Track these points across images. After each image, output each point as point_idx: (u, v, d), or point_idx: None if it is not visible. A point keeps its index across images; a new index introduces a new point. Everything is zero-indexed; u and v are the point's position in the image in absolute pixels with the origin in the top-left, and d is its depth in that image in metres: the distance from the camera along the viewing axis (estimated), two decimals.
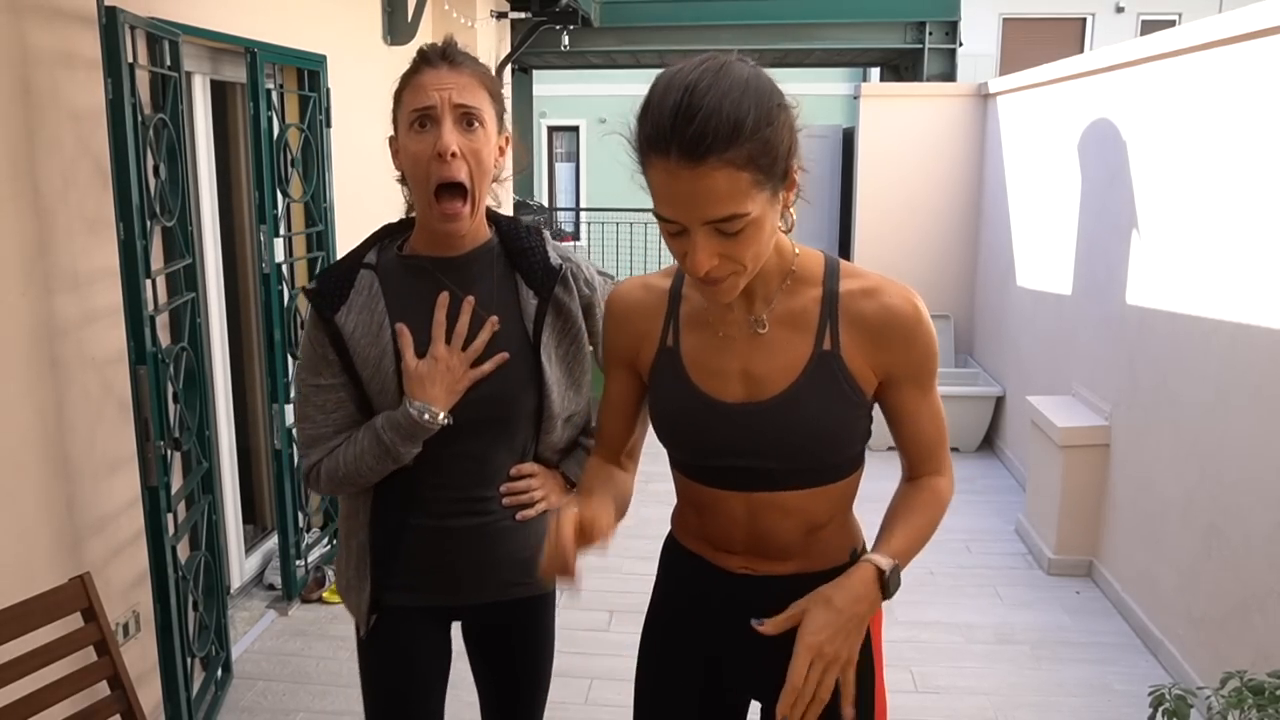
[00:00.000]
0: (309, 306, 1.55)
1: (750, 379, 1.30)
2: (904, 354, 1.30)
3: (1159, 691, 1.86)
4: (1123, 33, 13.74)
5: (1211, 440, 3.03)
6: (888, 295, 1.29)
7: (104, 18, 2.29)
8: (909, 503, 1.38)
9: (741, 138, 1.10)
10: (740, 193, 1.12)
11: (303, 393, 1.56)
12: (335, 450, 1.55)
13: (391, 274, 1.56)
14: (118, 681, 2.01)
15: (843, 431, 1.31)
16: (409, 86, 1.48)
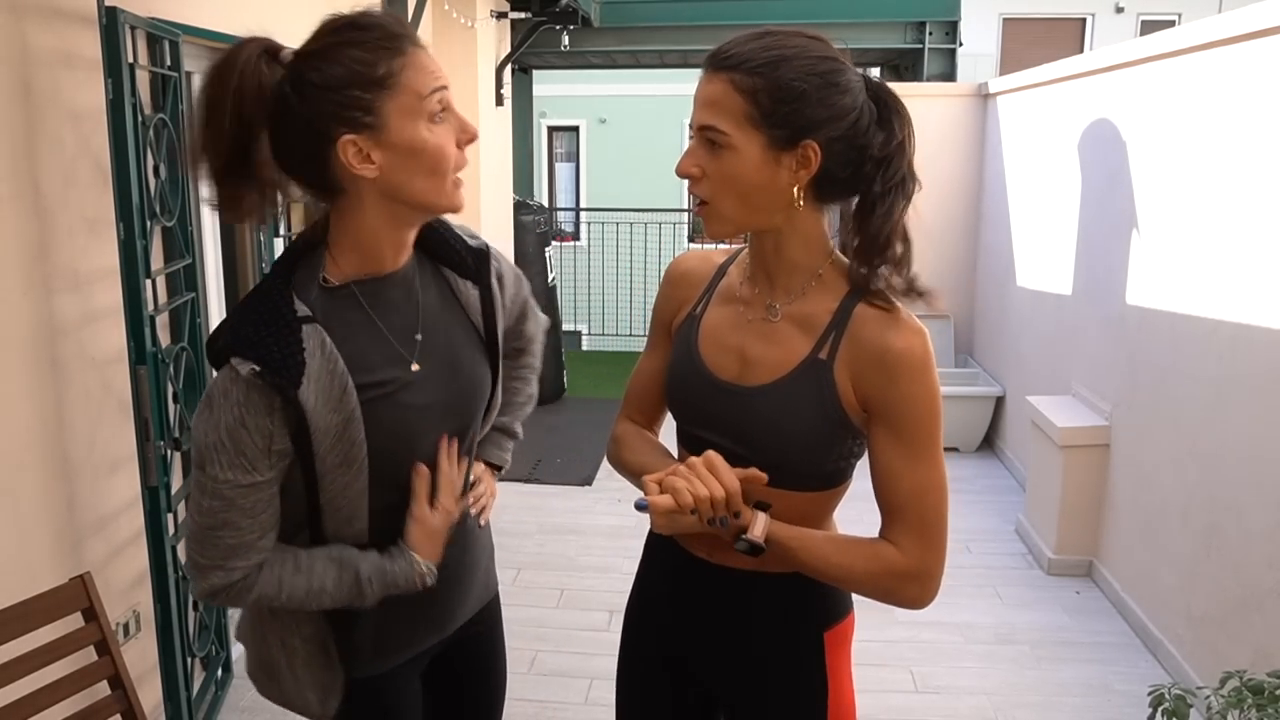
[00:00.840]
0: (240, 388, 1.19)
1: (746, 362, 1.31)
2: (885, 392, 1.24)
3: (1159, 691, 1.87)
4: (1123, 33, 13.74)
5: (1211, 440, 3.03)
6: (896, 329, 1.23)
7: (104, 18, 2.29)
8: (856, 539, 1.29)
9: (756, 69, 1.16)
10: (729, 112, 1.17)
11: (225, 497, 1.21)
12: (273, 573, 1.27)
13: (330, 318, 1.25)
14: (118, 681, 2.01)
15: (812, 441, 1.27)
16: (413, 69, 1.19)
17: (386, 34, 1.19)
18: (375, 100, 1.18)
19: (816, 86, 1.17)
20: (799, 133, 1.18)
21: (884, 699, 3.09)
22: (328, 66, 1.19)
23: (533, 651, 3.36)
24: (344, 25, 1.21)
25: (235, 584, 1.26)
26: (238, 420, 1.20)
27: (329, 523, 1.31)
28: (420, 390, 1.32)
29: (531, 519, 4.54)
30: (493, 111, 5.75)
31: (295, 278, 1.28)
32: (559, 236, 9.84)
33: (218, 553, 1.24)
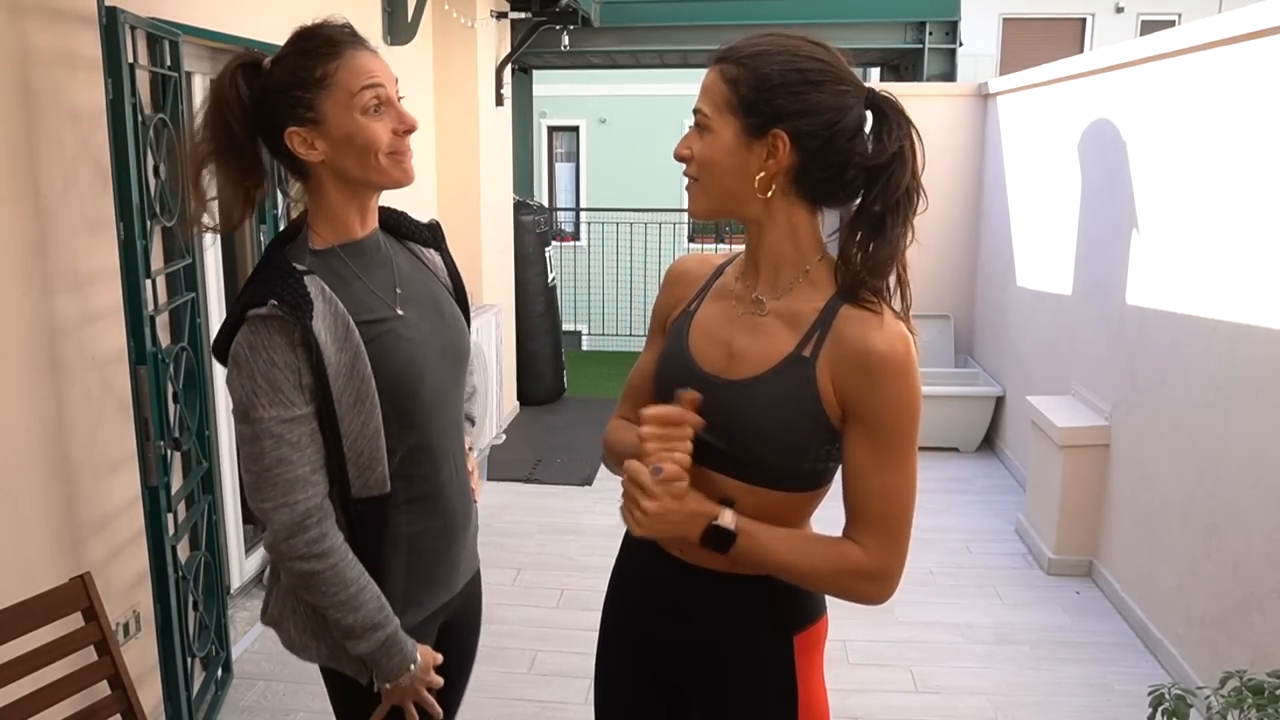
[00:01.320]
0: (264, 332, 1.36)
1: (732, 355, 1.32)
2: (864, 393, 1.23)
3: (1158, 691, 1.87)
4: (1123, 33, 13.74)
5: (1211, 440, 3.03)
6: (880, 331, 1.22)
7: (104, 18, 2.29)
8: (820, 536, 1.31)
9: (740, 59, 1.25)
10: (713, 97, 1.26)
11: (274, 434, 1.37)
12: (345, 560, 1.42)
13: (323, 273, 1.44)
14: (118, 681, 2.01)
15: (790, 439, 1.27)
16: (345, 69, 1.38)
17: (326, 40, 1.40)
18: (314, 98, 1.39)
19: (793, 80, 1.22)
20: (769, 121, 1.23)
21: (884, 699, 3.09)
22: (277, 72, 1.41)
23: (533, 651, 3.36)
24: (295, 36, 1.43)
25: (305, 520, 1.39)
26: (269, 363, 1.37)
27: (352, 470, 1.43)
28: (413, 328, 1.50)
29: (531, 519, 4.54)
30: (493, 111, 5.75)
31: (287, 251, 1.47)
32: (559, 236, 9.84)
33: (277, 490, 1.38)
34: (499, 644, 3.41)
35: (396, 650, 1.47)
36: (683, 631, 1.41)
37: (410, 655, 1.49)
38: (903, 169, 1.24)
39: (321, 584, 1.42)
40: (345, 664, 1.52)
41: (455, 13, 5.17)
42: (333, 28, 1.42)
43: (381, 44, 4.56)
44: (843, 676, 3.22)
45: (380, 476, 1.45)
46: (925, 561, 4.12)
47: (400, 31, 4.60)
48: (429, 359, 1.50)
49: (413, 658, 1.49)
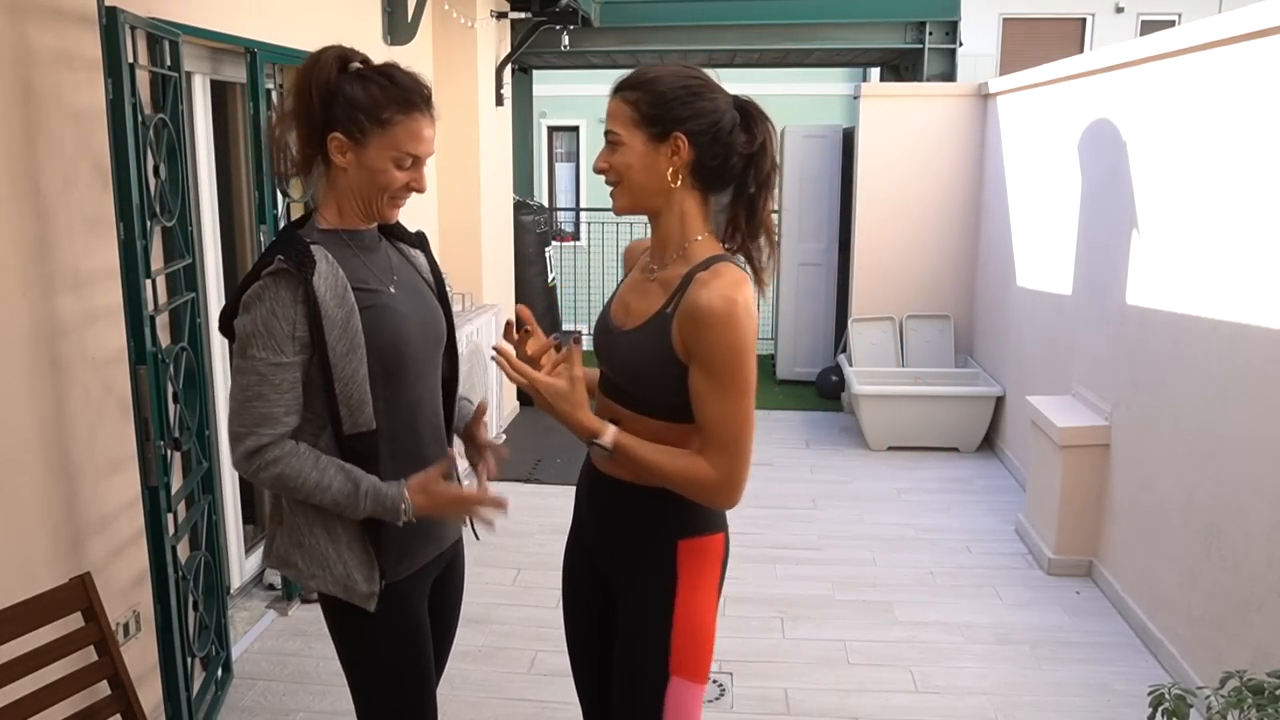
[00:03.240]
0: (272, 285, 1.59)
1: (628, 311, 1.70)
2: (696, 340, 1.56)
3: (1159, 691, 1.87)
4: (1123, 33, 13.74)
5: (1211, 440, 3.03)
6: (709, 290, 1.55)
7: (104, 18, 2.29)
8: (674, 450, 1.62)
9: (642, 86, 1.59)
10: (621, 120, 1.60)
11: (259, 372, 1.59)
12: (295, 460, 1.62)
13: (327, 245, 1.67)
14: (118, 681, 2.01)
15: (654, 376, 1.62)
16: (404, 128, 1.62)
17: (405, 94, 1.63)
18: (369, 129, 1.63)
19: (681, 94, 1.57)
20: (669, 126, 1.58)
21: (884, 699, 3.09)
22: (358, 89, 1.62)
23: (533, 651, 3.36)
24: (387, 70, 1.65)
25: (263, 448, 1.60)
26: (270, 311, 1.59)
27: (343, 410, 1.64)
28: (401, 303, 1.73)
29: (531, 519, 4.53)
30: (493, 111, 5.74)
31: (298, 231, 1.69)
32: (559, 236, 9.83)
33: (250, 419, 1.60)
34: (499, 644, 3.41)
35: (384, 499, 1.65)
36: (604, 532, 1.78)
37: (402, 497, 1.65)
38: (765, 155, 1.62)
39: (287, 481, 1.62)
40: (352, 592, 1.69)
41: (455, 13, 5.17)
42: (417, 87, 1.65)
43: (381, 44, 4.56)
44: (843, 676, 3.22)
45: (368, 416, 1.66)
46: (925, 561, 4.12)
47: (400, 31, 4.60)
48: (411, 331, 1.73)
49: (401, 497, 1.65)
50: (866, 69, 12.00)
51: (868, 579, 3.95)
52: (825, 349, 7.06)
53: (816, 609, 3.68)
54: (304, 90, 1.63)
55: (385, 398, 1.69)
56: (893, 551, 4.22)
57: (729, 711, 3.03)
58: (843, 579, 3.93)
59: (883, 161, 6.19)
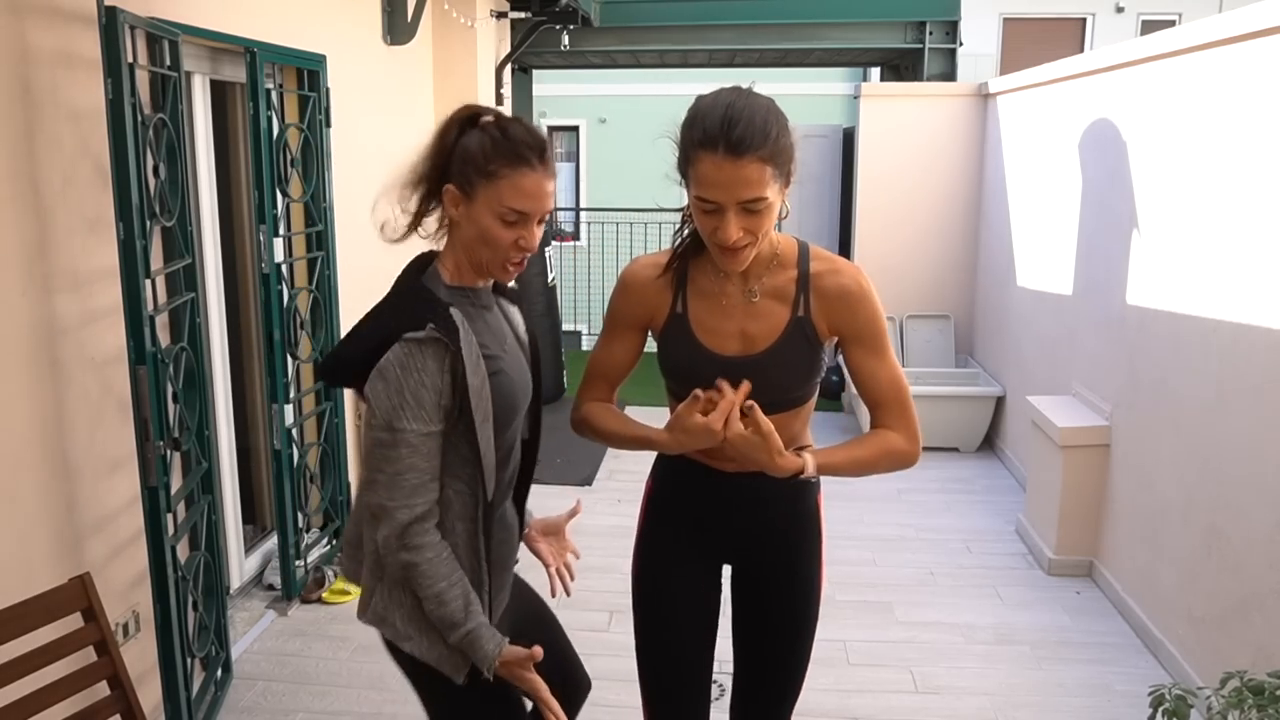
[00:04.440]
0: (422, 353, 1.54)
1: (746, 337, 1.73)
2: (851, 318, 1.71)
3: (1159, 691, 1.86)
4: (1123, 33, 13.74)
5: (1211, 440, 3.03)
6: (843, 275, 1.72)
7: (104, 18, 2.29)
8: (861, 439, 1.75)
9: (769, 142, 1.54)
10: (764, 182, 1.55)
11: (411, 444, 1.56)
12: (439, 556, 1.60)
13: (459, 305, 1.63)
14: (118, 681, 2.01)
15: (808, 372, 1.74)
16: (509, 182, 1.55)
17: (515, 147, 1.57)
18: (477, 182, 1.58)
19: (786, 128, 1.59)
20: (790, 166, 1.60)
21: (884, 699, 3.09)
22: (474, 141, 1.59)
23: None
24: (504, 122, 1.61)
25: (415, 522, 1.58)
26: (419, 383, 1.55)
27: (489, 479, 1.63)
28: (511, 368, 1.70)
29: None
30: None
31: (424, 281, 1.65)
32: (559, 236, 9.82)
33: (403, 493, 1.57)
34: None
35: (478, 648, 1.61)
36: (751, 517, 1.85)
37: (490, 655, 1.61)
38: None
39: (419, 576, 1.59)
40: (444, 662, 1.66)
41: (455, 12, 5.17)
42: (528, 140, 1.58)
43: (381, 44, 4.56)
44: (843, 676, 3.21)
45: (498, 482, 1.69)
46: (925, 561, 4.11)
47: (400, 31, 4.60)
48: (521, 397, 1.72)
49: (492, 657, 1.61)
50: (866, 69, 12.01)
51: (868, 579, 3.95)
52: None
53: None
54: (432, 151, 1.62)
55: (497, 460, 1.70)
56: (893, 551, 4.22)
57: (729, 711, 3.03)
58: (843, 579, 3.93)
59: (883, 161, 6.19)
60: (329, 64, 3.74)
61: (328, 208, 3.71)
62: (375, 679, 3.13)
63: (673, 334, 1.77)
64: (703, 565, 1.93)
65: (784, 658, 1.96)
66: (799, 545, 1.89)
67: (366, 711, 3.00)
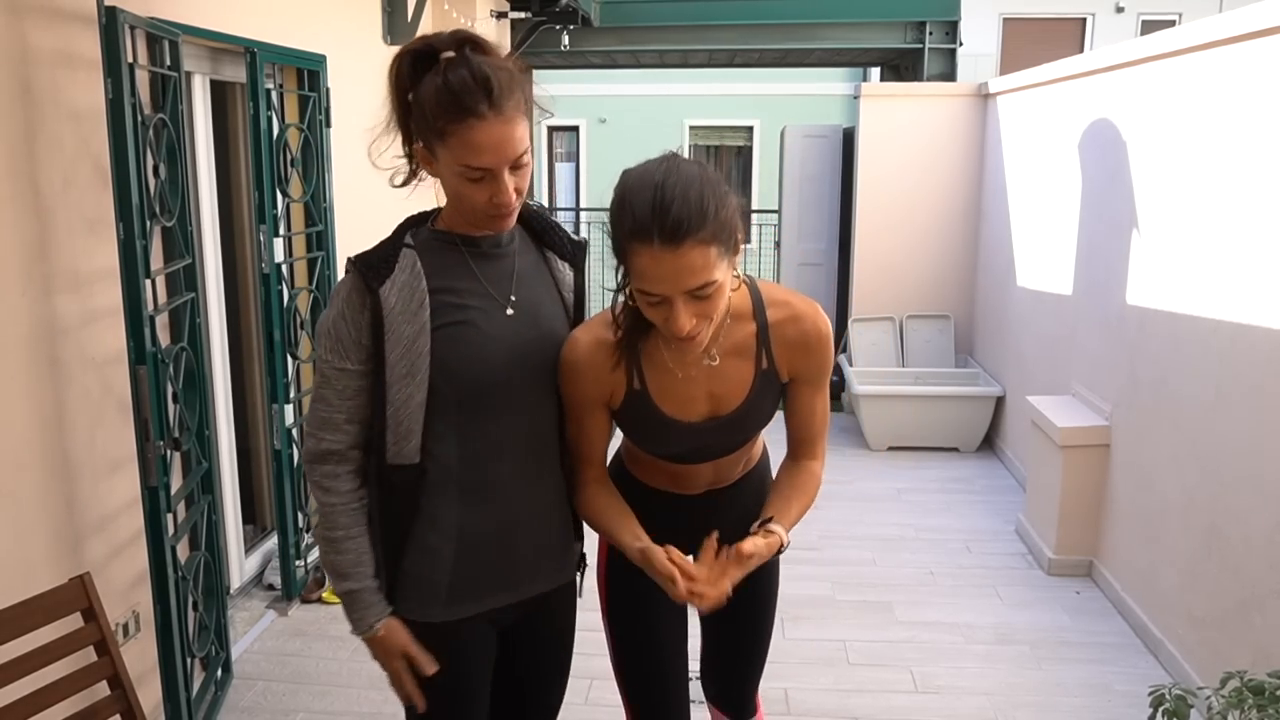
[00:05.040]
0: (347, 285, 1.51)
1: (714, 399, 1.67)
2: (808, 362, 1.68)
3: (1159, 691, 1.86)
4: (1123, 33, 13.74)
5: (1211, 440, 3.03)
6: (804, 322, 1.65)
7: (104, 18, 2.29)
8: (798, 486, 1.74)
9: (708, 220, 1.41)
10: (710, 265, 1.43)
11: (324, 375, 1.54)
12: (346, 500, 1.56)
13: (428, 249, 1.55)
14: (118, 681, 2.01)
15: (772, 410, 1.72)
16: (458, 139, 1.40)
17: (455, 100, 1.39)
18: (433, 143, 1.44)
19: (724, 196, 1.46)
20: (735, 236, 1.49)
21: (884, 699, 3.09)
22: (423, 92, 1.43)
23: None
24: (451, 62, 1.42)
25: (320, 455, 1.54)
26: (340, 314, 1.51)
27: (390, 437, 1.53)
28: (500, 325, 1.55)
29: None
30: None
31: (415, 229, 1.58)
32: None
33: (314, 422, 1.56)
34: None
35: (357, 608, 1.57)
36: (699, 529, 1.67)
37: (367, 621, 1.57)
38: None
39: (322, 515, 1.58)
40: None
41: (455, 13, 5.17)
42: (472, 83, 1.39)
43: (381, 44, 4.56)
44: (843, 676, 3.21)
45: (413, 448, 1.54)
46: (925, 561, 4.11)
47: (400, 31, 4.60)
48: (501, 357, 1.54)
49: (369, 625, 1.57)
50: (866, 69, 12.00)
51: (868, 579, 3.95)
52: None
53: (816, 609, 3.68)
54: (392, 88, 1.49)
55: (457, 426, 1.54)
56: (893, 551, 4.22)
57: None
58: (843, 579, 3.93)
59: (883, 161, 6.19)
60: (329, 64, 3.73)
61: (328, 208, 3.71)
62: (375, 679, 3.12)
63: (634, 410, 1.66)
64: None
65: (754, 620, 2.00)
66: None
67: (366, 711, 3.00)
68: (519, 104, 1.44)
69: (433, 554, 1.58)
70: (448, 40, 1.45)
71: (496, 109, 1.40)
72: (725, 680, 2.08)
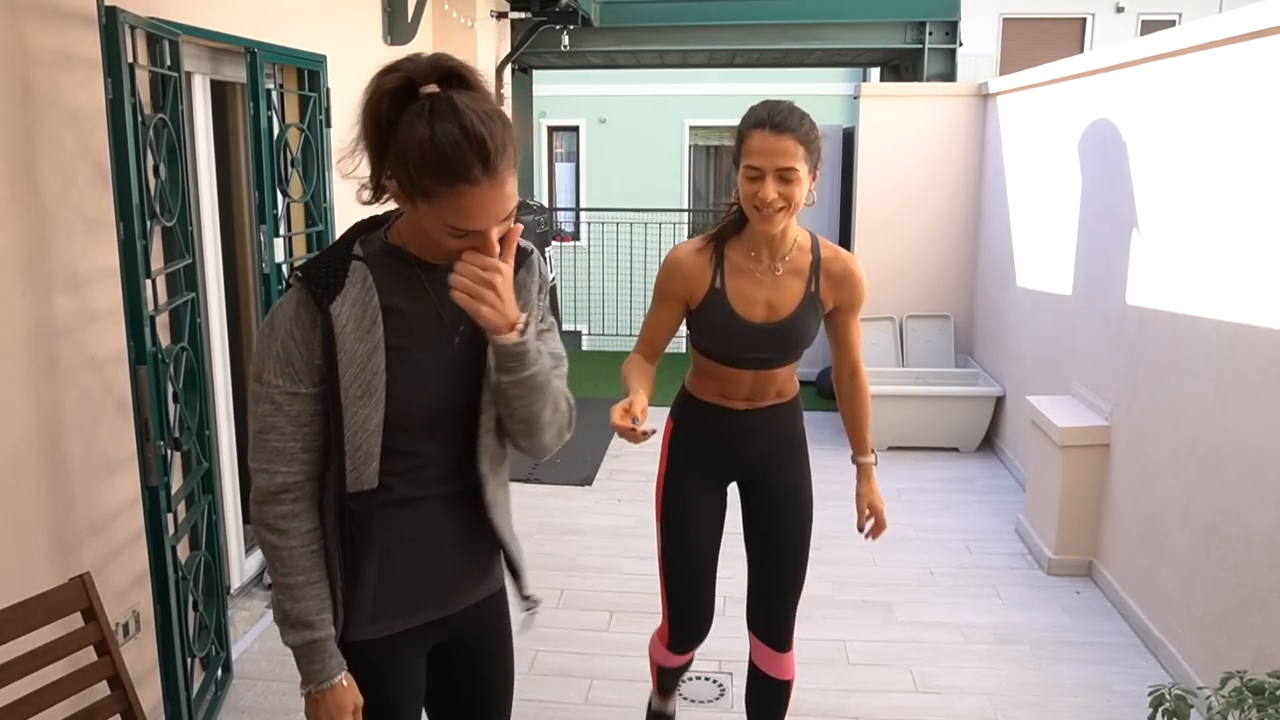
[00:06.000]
0: (293, 302, 1.39)
1: (771, 306, 2.20)
2: (851, 296, 2.26)
3: (1159, 691, 1.86)
4: (1123, 33, 13.74)
5: (1211, 440, 3.03)
6: (847, 262, 2.25)
7: (104, 18, 2.29)
8: (862, 409, 2.44)
9: (803, 128, 2.04)
10: (797, 156, 2.03)
11: (275, 401, 1.40)
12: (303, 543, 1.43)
13: (380, 265, 1.43)
14: (118, 681, 2.01)
15: (811, 336, 2.25)
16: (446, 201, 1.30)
17: (444, 163, 1.27)
18: (413, 193, 1.32)
19: (817, 130, 2.09)
20: (817, 159, 2.10)
21: (884, 699, 3.09)
22: (409, 137, 1.28)
23: (533, 651, 3.36)
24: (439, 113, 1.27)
25: (275, 492, 1.42)
26: (288, 334, 1.39)
27: (350, 463, 1.42)
28: (444, 359, 1.47)
29: (531, 519, 4.54)
30: None
31: (365, 236, 1.47)
32: (559, 236, 9.83)
33: (264, 455, 1.42)
34: None
35: (317, 659, 1.45)
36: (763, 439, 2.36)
37: (328, 672, 1.46)
38: None
39: (276, 560, 1.44)
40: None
41: (455, 13, 5.17)
42: (465, 145, 1.27)
43: (381, 44, 4.56)
44: (843, 676, 3.22)
45: (373, 472, 1.44)
46: (925, 561, 4.12)
47: (400, 31, 4.60)
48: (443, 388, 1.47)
49: (329, 676, 1.46)
50: (866, 69, 12.01)
51: (868, 579, 3.95)
52: (825, 349, 7.02)
53: (816, 609, 3.68)
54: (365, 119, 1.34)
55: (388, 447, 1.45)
56: (893, 551, 4.22)
57: (729, 711, 3.03)
58: (843, 579, 3.93)
59: (883, 161, 6.19)
60: (329, 64, 3.73)
61: (328, 208, 3.71)
62: None
63: (711, 305, 2.20)
64: (714, 485, 2.40)
65: (792, 554, 2.41)
66: (795, 462, 2.41)
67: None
68: (511, 159, 1.34)
69: (360, 575, 1.49)
70: (426, 70, 1.30)
71: (491, 173, 1.30)
72: (768, 609, 2.43)
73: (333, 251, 1.43)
